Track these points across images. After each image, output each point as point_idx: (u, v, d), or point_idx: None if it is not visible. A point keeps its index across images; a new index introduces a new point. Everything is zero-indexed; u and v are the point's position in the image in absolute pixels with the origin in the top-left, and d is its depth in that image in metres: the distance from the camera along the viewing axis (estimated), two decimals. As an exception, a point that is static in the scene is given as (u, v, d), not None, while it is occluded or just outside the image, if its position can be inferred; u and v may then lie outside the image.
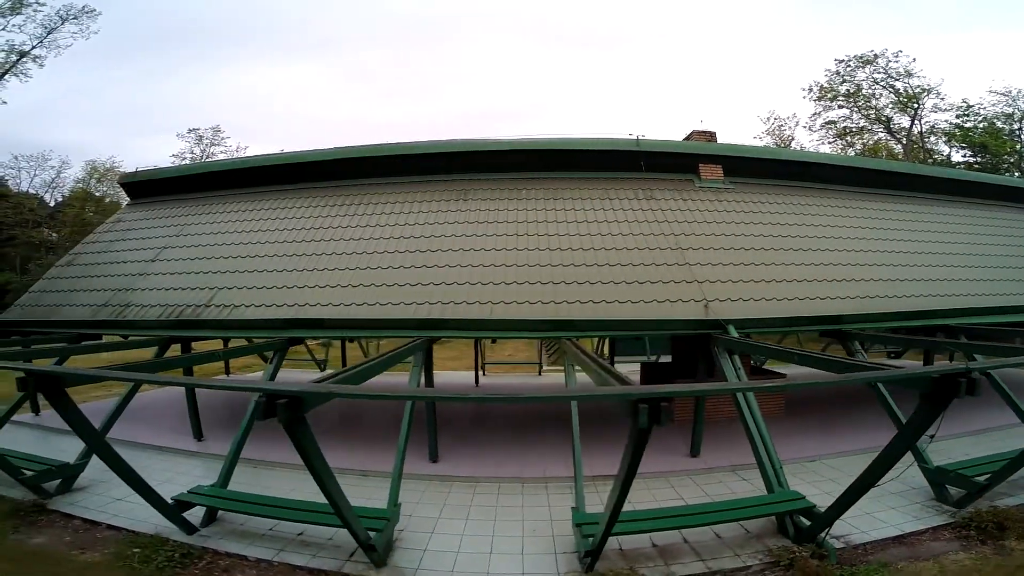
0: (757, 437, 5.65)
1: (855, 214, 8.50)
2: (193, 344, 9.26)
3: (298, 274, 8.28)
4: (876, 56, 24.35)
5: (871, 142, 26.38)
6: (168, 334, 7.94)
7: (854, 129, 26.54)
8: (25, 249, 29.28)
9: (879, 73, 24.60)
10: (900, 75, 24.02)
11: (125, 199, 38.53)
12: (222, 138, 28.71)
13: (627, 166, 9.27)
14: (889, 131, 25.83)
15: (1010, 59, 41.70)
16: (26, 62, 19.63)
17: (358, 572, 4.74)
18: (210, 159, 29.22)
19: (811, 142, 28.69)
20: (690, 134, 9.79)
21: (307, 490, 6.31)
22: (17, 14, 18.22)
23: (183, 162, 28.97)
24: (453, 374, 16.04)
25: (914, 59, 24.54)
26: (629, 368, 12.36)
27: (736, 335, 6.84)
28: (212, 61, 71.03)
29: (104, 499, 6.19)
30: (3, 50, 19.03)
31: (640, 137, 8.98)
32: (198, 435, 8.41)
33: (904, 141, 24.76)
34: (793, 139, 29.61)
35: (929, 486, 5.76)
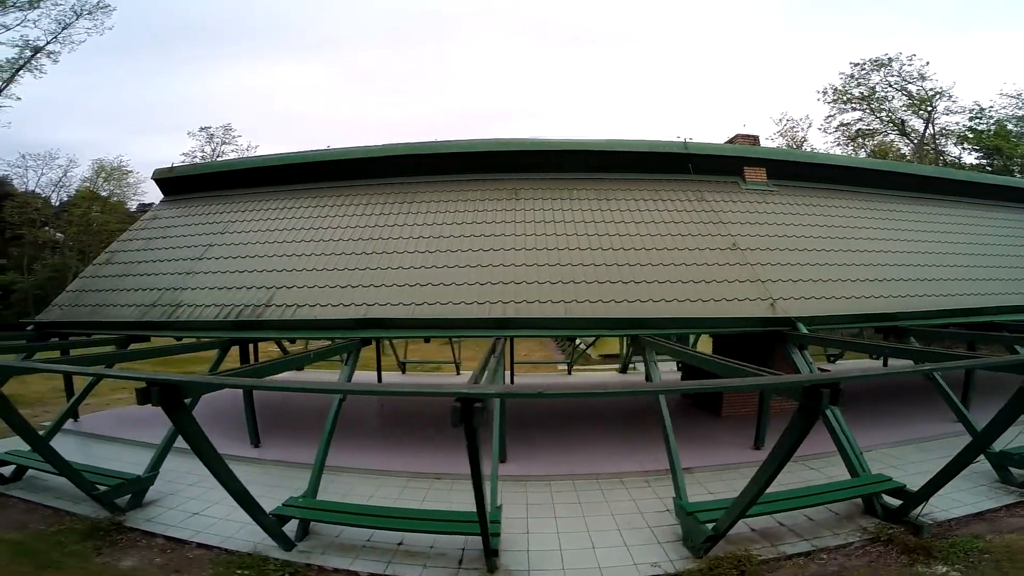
0: (836, 426, 5.56)
1: (893, 216, 8.55)
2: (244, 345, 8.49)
3: (361, 273, 7.82)
4: (891, 60, 23.49)
5: (876, 143, 25.50)
6: (229, 335, 7.23)
7: (868, 131, 25.64)
8: (31, 249, 27.07)
9: (893, 76, 23.68)
10: (913, 79, 23.15)
11: (130, 199, 36.42)
12: (233, 136, 27.08)
13: (674, 168, 9.00)
14: (903, 133, 24.68)
15: (1012, 59, 39.34)
16: (40, 58, 17.89)
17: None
18: (221, 157, 27.54)
19: (825, 144, 27.55)
20: (733, 137, 9.59)
21: (384, 495, 5.95)
22: (35, 7, 16.52)
23: (194, 160, 27.22)
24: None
25: (927, 63, 23.89)
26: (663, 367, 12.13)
27: (806, 331, 6.62)
28: (211, 61, 67.50)
29: (180, 513, 5.57)
30: (17, 45, 17.28)
31: (687, 140, 8.66)
32: (255, 441, 7.64)
33: (916, 142, 23.90)
34: (806, 140, 28.50)
35: (993, 469, 5.83)
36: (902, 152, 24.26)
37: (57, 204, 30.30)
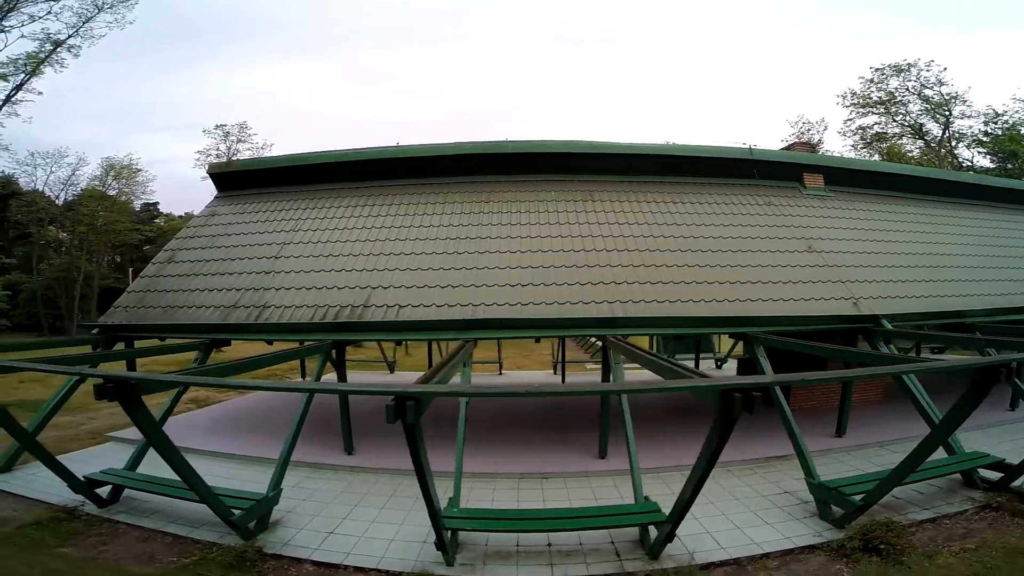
0: (929, 411, 5.31)
1: (943, 220, 8.58)
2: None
3: (464, 273, 7.00)
4: (910, 65, 22.27)
5: (887, 146, 23.89)
6: (331, 337, 6.26)
7: (888, 135, 23.94)
8: (39, 249, 23.91)
9: (911, 81, 22.39)
10: (931, 83, 21.89)
11: (136, 198, 33.09)
12: (249, 134, 24.70)
13: (740, 172, 8.67)
14: (921, 137, 23.21)
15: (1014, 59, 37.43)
16: (61, 52, 15.51)
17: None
18: (237, 155, 25.16)
19: (844, 147, 25.72)
20: (791, 144, 9.38)
21: (504, 498, 5.35)
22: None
23: (209, 159, 24.73)
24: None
25: (945, 68, 22.43)
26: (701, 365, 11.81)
27: (890, 327, 6.46)
28: (210, 60, 61.98)
29: (313, 534, 4.67)
30: (38, 39, 14.89)
31: (752, 147, 8.35)
32: (349, 447, 6.73)
33: (934, 146, 22.92)
34: (821, 143, 26.08)
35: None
36: (912, 155, 23.27)
37: (62, 203, 26.89)
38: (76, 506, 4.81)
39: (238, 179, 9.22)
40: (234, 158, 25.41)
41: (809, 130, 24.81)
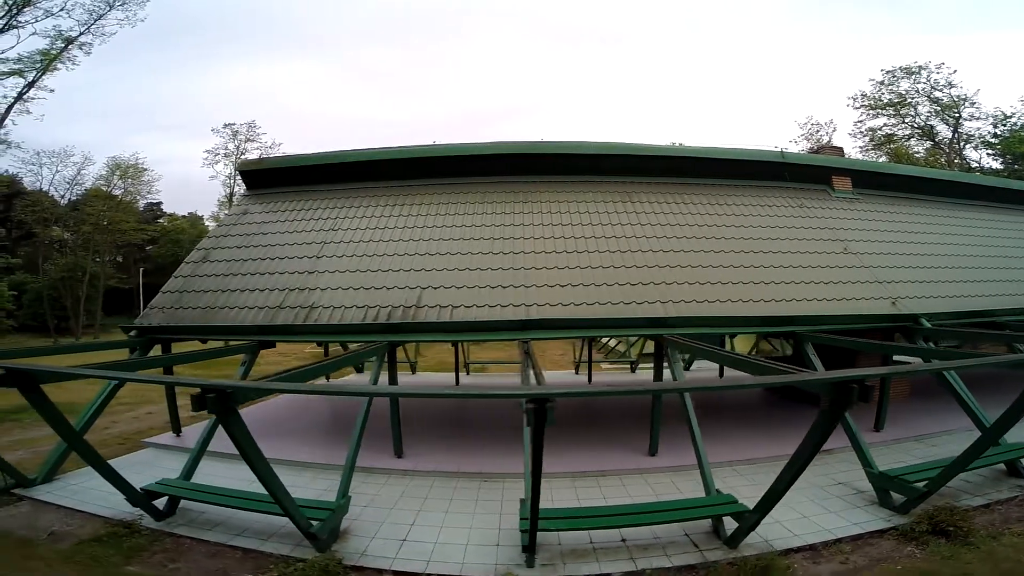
0: (971, 405, 5.26)
1: (969, 222, 8.54)
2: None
3: (512, 272, 6.73)
4: (921, 68, 21.67)
5: (893, 148, 23.20)
6: (387, 339, 5.93)
7: (896, 137, 23.27)
8: (43, 249, 22.71)
9: (921, 83, 21.78)
10: (941, 86, 21.29)
11: (141, 197, 31.97)
12: (257, 133, 23.83)
13: (771, 175, 8.56)
14: (932, 139, 22.63)
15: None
16: (72, 49, 14.60)
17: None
18: (245, 154, 24.30)
19: (854, 148, 25.01)
20: (820, 148, 9.27)
21: (562, 498, 5.07)
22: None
23: (218, 158, 23.82)
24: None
25: (955, 71, 22.29)
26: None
27: (929, 326, 6.40)
28: (208, 60, 59.78)
29: (386, 542, 4.32)
30: (49, 36, 13.98)
31: (783, 150, 8.24)
32: (399, 451, 6.36)
33: (944, 148, 22.39)
34: (831, 142, 25.08)
35: None
36: (918, 156, 22.80)
37: (66, 203, 25.57)
38: (134, 519, 4.38)
39: (269, 177, 8.74)
40: (243, 157, 24.68)
41: (818, 131, 24.72)
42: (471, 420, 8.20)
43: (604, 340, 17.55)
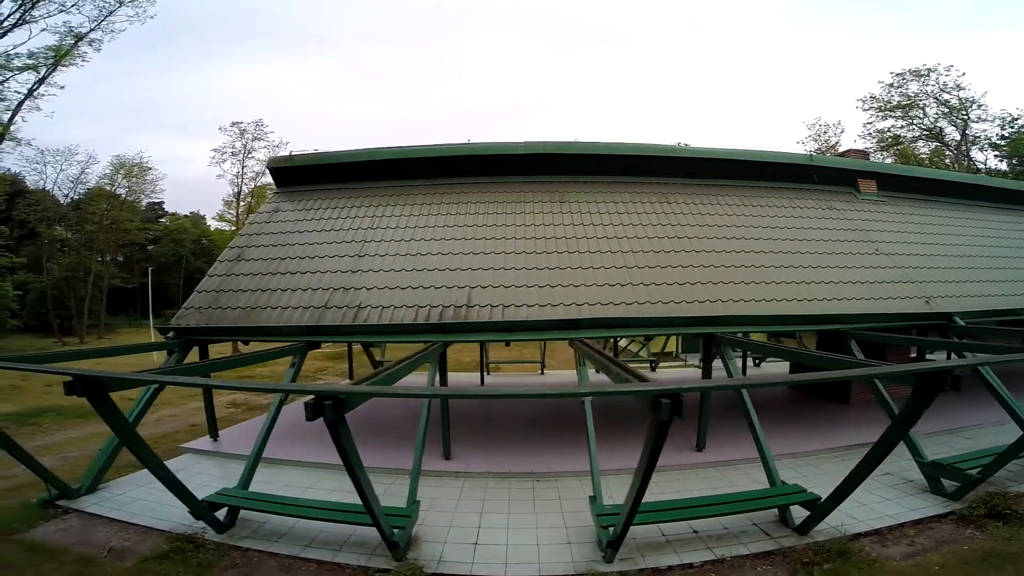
0: (1010, 402, 5.15)
1: (993, 224, 8.55)
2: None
3: (564, 272, 6.43)
4: (929, 70, 21.04)
5: (898, 149, 22.67)
6: (439, 338, 5.65)
7: (904, 138, 22.62)
8: (47, 248, 21.61)
9: (930, 85, 21.12)
10: (950, 88, 20.66)
11: (144, 196, 30.78)
12: (265, 132, 23.00)
13: (800, 177, 8.48)
14: (941, 141, 21.96)
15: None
16: (82, 46, 13.78)
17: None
18: (252, 153, 23.47)
19: (871, 151, 23.83)
20: (846, 151, 9.22)
21: (621, 492, 4.81)
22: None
23: (224, 156, 22.94)
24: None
25: (963, 73, 21.21)
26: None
27: (963, 324, 6.37)
28: (207, 59, 57.67)
29: (458, 547, 4.06)
30: (59, 32, 13.17)
31: (812, 153, 8.15)
32: (447, 453, 6.06)
33: (953, 150, 21.76)
34: (840, 144, 24.61)
35: None
36: (923, 157, 22.32)
37: (68, 202, 24.35)
38: (195, 533, 4.01)
39: (299, 174, 8.31)
40: (252, 155, 23.92)
41: (825, 132, 24.23)
42: (508, 420, 7.93)
43: (616, 340, 17.34)
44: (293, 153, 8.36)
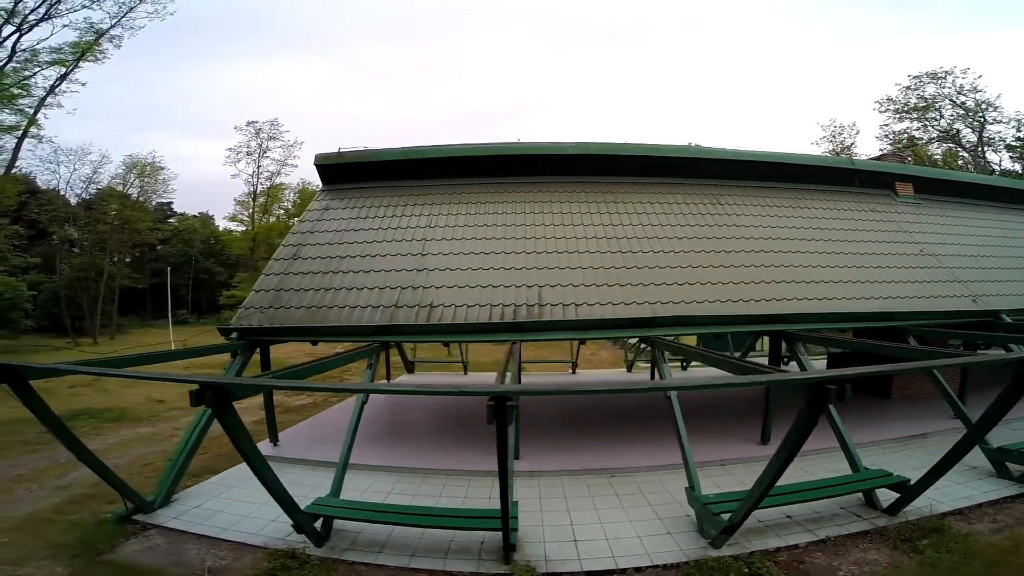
0: None
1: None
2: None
3: (625, 272, 6.24)
4: (947, 73, 20.55)
5: (912, 150, 21.76)
6: (513, 337, 5.42)
7: (920, 140, 22.01)
8: (58, 248, 20.57)
9: (946, 88, 20.64)
10: (966, 91, 20.20)
11: (155, 196, 29.67)
12: (280, 131, 22.15)
13: (841, 180, 8.35)
14: (958, 143, 21.39)
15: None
16: (102, 43, 13.04)
17: None
18: (268, 152, 22.67)
19: (879, 151, 22.76)
20: (883, 155, 9.12)
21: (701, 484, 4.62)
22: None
23: (239, 156, 22.09)
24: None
25: (980, 75, 21.48)
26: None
27: (1010, 321, 6.30)
28: (207, 59, 55.87)
29: (561, 546, 3.86)
30: (79, 28, 12.42)
31: (853, 157, 8.02)
32: (516, 453, 5.68)
33: (970, 152, 21.27)
34: (855, 145, 24.47)
35: None
36: (936, 158, 21.83)
37: (82, 201, 23.18)
38: (295, 547, 3.58)
39: (348, 171, 7.87)
40: (267, 155, 23.15)
41: (840, 133, 23.91)
42: (570, 418, 7.59)
43: (630, 340, 17.14)
44: (342, 150, 7.91)
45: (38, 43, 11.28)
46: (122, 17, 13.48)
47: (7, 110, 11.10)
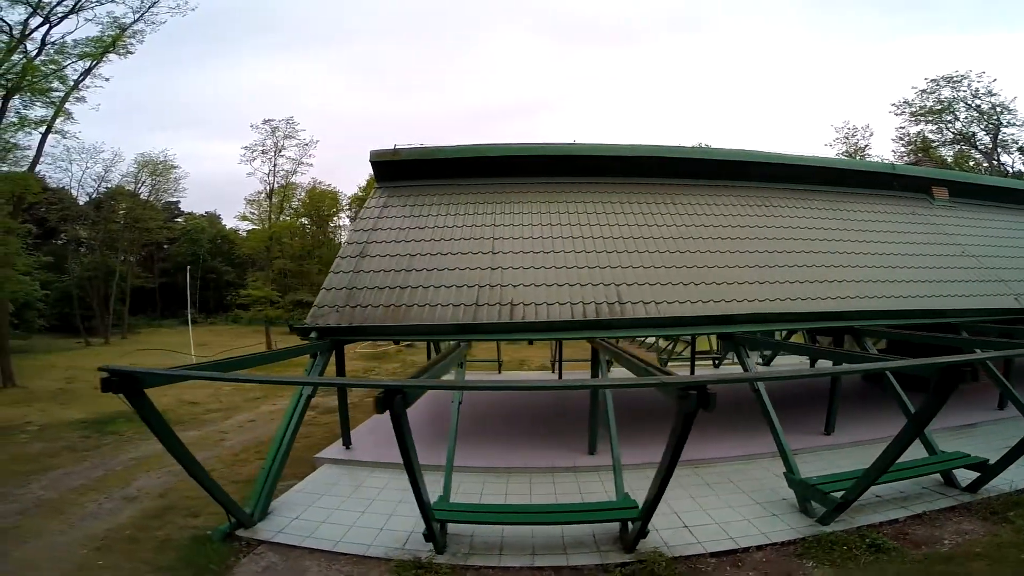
0: None
1: None
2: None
3: (712, 271, 6.04)
4: (963, 77, 19.93)
5: (924, 154, 21.01)
6: (593, 334, 5.38)
7: (934, 142, 21.33)
8: (68, 248, 19.53)
9: (962, 91, 19.96)
10: (982, 94, 19.48)
11: (166, 196, 28.45)
12: (296, 129, 21.39)
13: (881, 184, 8.38)
14: (973, 146, 20.79)
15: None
16: (125, 38, 12.34)
17: None
18: (284, 151, 21.93)
19: (894, 153, 22.68)
20: (918, 160, 9.16)
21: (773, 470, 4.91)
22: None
23: (254, 154, 21.30)
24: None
25: (995, 79, 19.63)
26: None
27: None
28: (207, 59, 54.05)
29: (675, 532, 3.82)
30: (101, 23, 11.72)
31: (894, 163, 8.05)
32: (593, 449, 5.57)
33: (985, 154, 20.66)
34: (869, 146, 23.76)
35: None
36: (947, 160, 21.29)
37: (92, 200, 22.05)
38: (417, 556, 3.30)
39: (404, 169, 7.57)
40: (282, 153, 22.44)
41: (854, 135, 23.20)
42: (636, 414, 7.41)
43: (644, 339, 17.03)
44: (398, 147, 7.58)
45: (61, 37, 10.64)
46: (144, 12, 12.86)
47: (38, 103, 10.42)
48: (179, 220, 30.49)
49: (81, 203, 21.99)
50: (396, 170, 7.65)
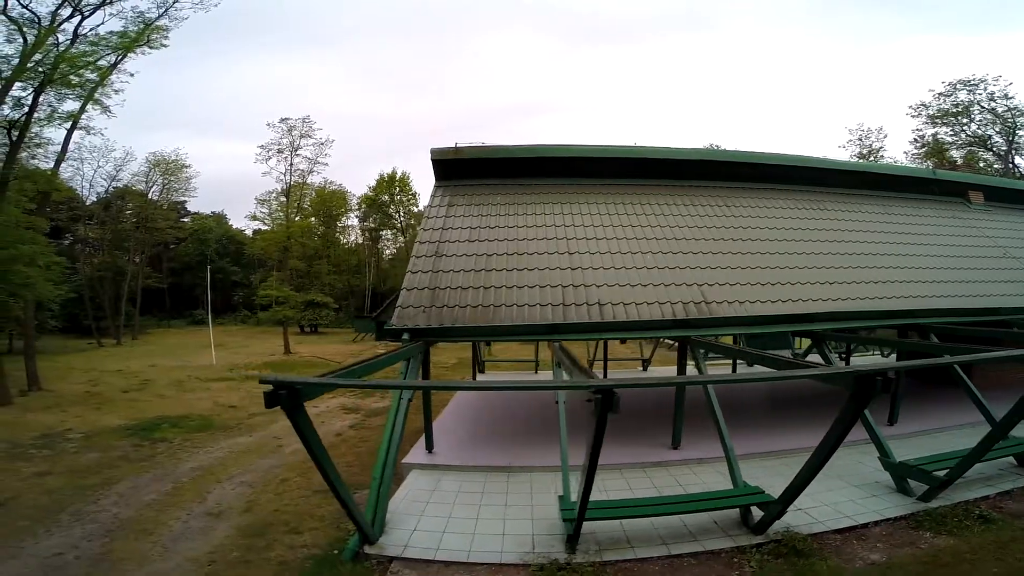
0: None
1: None
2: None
3: (790, 271, 5.96)
4: (980, 80, 19.57)
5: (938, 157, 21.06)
6: (684, 333, 5.41)
7: (949, 145, 21.10)
8: (77, 248, 18.65)
9: (978, 95, 19.61)
10: (998, 97, 19.10)
11: (181, 195, 27.52)
12: (312, 128, 20.79)
13: (921, 188, 8.48)
14: (987, 148, 20.36)
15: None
16: (150, 34, 11.81)
17: None
18: (300, 149, 21.34)
19: (909, 156, 22.71)
20: (956, 165, 9.28)
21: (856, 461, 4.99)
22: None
23: (269, 152, 20.65)
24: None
25: (1011, 83, 19.47)
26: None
27: None
28: (207, 59, 52.63)
29: (790, 514, 3.58)
30: (124, 19, 11.21)
31: (933, 168, 8.16)
32: (677, 443, 5.55)
33: (1001, 156, 20.26)
34: (884, 149, 23.70)
35: None
36: (957, 163, 20.57)
37: (100, 199, 21.08)
38: (554, 559, 3.17)
39: (465, 167, 7.38)
40: (298, 152, 21.85)
41: (868, 137, 23.26)
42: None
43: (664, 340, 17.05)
44: (459, 145, 7.37)
45: (91, 29, 10.11)
46: (168, 7, 12.33)
47: (70, 96, 9.86)
48: (186, 220, 29.54)
49: (88, 203, 21.12)
50: (456, 168, 7.45)
